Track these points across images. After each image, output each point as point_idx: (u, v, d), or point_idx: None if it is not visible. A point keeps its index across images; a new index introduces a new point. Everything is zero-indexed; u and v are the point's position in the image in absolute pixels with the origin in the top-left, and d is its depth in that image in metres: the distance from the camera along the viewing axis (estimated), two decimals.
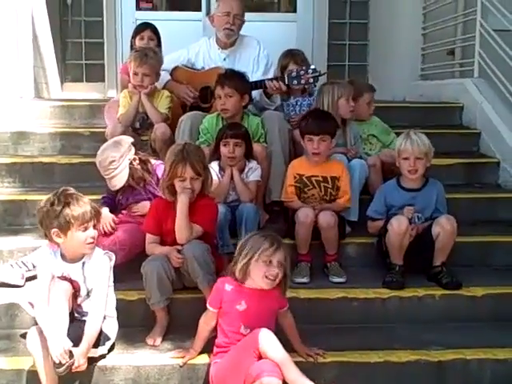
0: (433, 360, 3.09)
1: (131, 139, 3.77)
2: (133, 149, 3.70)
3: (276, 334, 2.81)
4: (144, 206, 3.64)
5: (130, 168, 3.65)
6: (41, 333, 2.77)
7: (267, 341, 2.71)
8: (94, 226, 2.92)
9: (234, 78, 4.05)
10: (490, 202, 4.42)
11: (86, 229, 2.87)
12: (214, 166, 3.79)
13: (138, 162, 3.69)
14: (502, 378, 3.11)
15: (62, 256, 2.95)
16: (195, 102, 4.61)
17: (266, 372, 2.64)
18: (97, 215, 2.94)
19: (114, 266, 3.03)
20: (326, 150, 3.78)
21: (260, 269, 2.82)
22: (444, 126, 5.22)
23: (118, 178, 3.63)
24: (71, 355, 2.73)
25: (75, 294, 2.92)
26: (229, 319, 2.90)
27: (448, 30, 6.20)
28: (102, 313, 2.90)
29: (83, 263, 2.94)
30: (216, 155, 3.86)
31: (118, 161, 3.60)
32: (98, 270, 2.94)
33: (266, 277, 2.82)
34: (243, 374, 2.71)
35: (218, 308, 2.93)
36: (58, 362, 2.69)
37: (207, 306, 2.96)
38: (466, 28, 6.01)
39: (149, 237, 3.35)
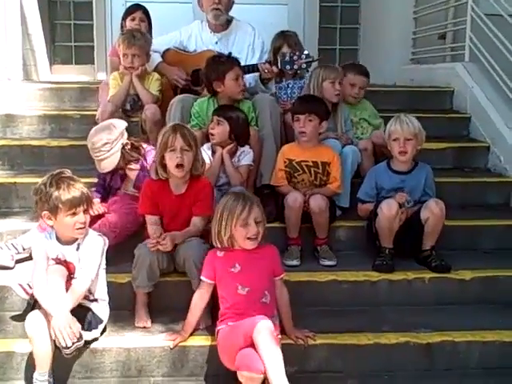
0: (421, 342, 3.12)
1: (125, 124, 3.76)
2: (126, 134, 3.70)
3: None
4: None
5: (122, 152, 3.64)
6: (42, 317, 2.76)
7: (262, 334, 2.66)
8: (85, 211, 2.91)
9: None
10: (479, 186, 4.44)
11: (74, 214, 2.86)
12: (206, 149, 3.79)
13: (129, 147, 3.67)
14: (489, 360, 3.14)
15: (57, 238, 2.96)
16: (186, 85, 4.59)
17: (246, 367, 2.64)
18: (87, 201, 2.93)
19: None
20: (312, 130, 3.78)
21: (240, 233, 2.90)
22: (434, 111, 5.22)
23: (109, 161, 3.62)
24: (80, 336, 2.74)
25: (70, 275, 2.91)
26: (225, 283, 2.94)
27: (439, 14, 6.19)
28: (89, 277, 2.88)
29: (78, 244, 2.94)
30: (207, 138, 3.86)
31: (111, 144, 3.59)
32: (91, 247, 2.94)
33: (248, 238, 2.90)
34: (234, 354, 2.72)
35: (212, 279, 2.95)
36: (66, 344, 2.69)
37: (201, 278, 2.98)
38: (457, 12, 6.00)
39: (148, 218, 3.34)
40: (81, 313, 2.90)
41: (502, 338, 3.16)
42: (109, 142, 3.58)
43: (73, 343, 2.70)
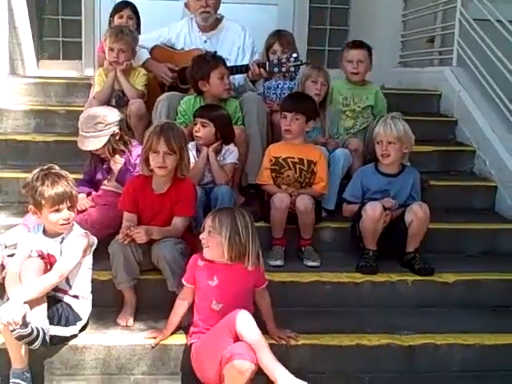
0: (403, 344, 3.13)
1: (122, 116, 3.76)
2: (119, 126, 3.67)
3: (254, 315, 2.83)
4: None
5: (109, 140, 3.61)
6: None
7: (244, 323, 2.71)
8: (70, 208, 2.91)
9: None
10: (465, 190, 4.46)
11: (57, 211, 2.87)
12: (191, 147, 3.77)
13: (117, 138, 3.65)
14: (471, 363, 3.16)
15: (45, 231, 2.97)
16: (174, 82, 4.56)
17: (239, 355, 2.64)
18: (71, 198, 2.92)
19: None
20: (298, 129, 3.78)
21: None
22: (422, 114, 5.23)
23: (93, 141, 3.59)
24: (24, 324, 2.64)
25: (50, 268, 2.89)
26: (201, 294, 2.93)
27: (428, 17, 6.21)
28: (61, 270, 2.85)
29: (62, 238, 2.95)
30: (192, 136, 3.83)
31: (104, 125, 3.57)
32: (73, 243, 2.93)
33: None
34: (219, 354, 2.71)
35: (192, 283, 2.95)
36: (9, 328, 2.62)
37: (183, 281, 2.98)
38: (446, 16, 6.02)
39: (125, 215, 3.32)
40: (58, 307, 2.90)
41: (484, 341, 3.18)
42: (103, 122, 3.57)
43: (14, 329, 2.62)
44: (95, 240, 3.07)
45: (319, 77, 4.20)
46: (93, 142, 3.60)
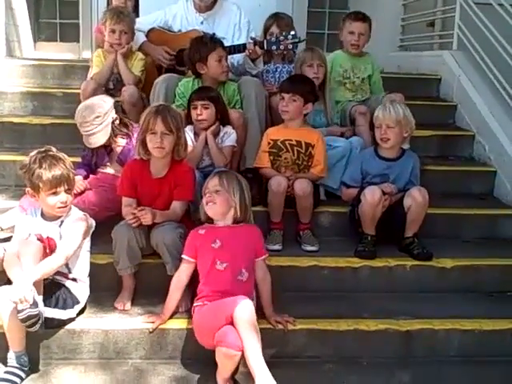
0: (401, 329, 3.13)
1: (113, 99, 3.73)
2: (114, 109, 3.65)
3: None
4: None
5: (112, 127, 3.59)
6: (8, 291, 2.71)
7: (242, 312, 2.67)
8: (67, 191, 2.89)
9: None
10: (463, 175, 4.45)
11: (55, 193, 2.86)
12: (188, 131, 3.74)
13: (118, 122, 3.63)
14: (468, 348, 3.16)
15: (42, 214, 2.96)
16: (171, 65, 4.53)
17: (225, 343, 2.62)
18: (69, 180, 2.91)
19: None
20: (295, 110, 3.76)
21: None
22: (421, 98, 5.19)
23: (98, 136, 3.58)
24: (34, 304, 2.63)
25: (51, 252, 2.88)
26: (205, 259, 2.94)
27: (428, 1, 6.17)
28: (64, 254, 2.84)
29: (61, 222, 2.94)
30: (188, 120, 3.80)
31: (102, 117, 3.55)
32: (73, 225, 2.92)
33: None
34: (213, 332, 2.70)
35: (193, 257, 2.95)
36: (19, 307, 2.61)
37: (183, 256, 2.98)
38: (446, 0, 5.97)
39: (124, 200, 3.30)
40: (57, 290, 2.90)
41: (482, 326, 3.18)
42: (100, 115, 3.55)
43: (24, 309, 2.60)
44: (93, 222, 3.06)
45: (314, 59, 4.18)
46: (98, 137, 3.58)
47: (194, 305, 2.94)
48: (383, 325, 3.13)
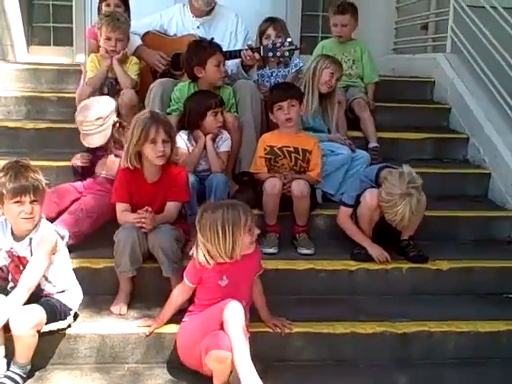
0: (398, 332, 3.13)
1: (115, 102, 3.73)
2: (115, 112, 3.66)
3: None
4: (112, 162, 3.58)
5: (112, 130, 3.59)
6: None
7: (231, 315, 2.67)
8: (34, 202, 2.79)
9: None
10: (458, 177, 4.46)
11: (19, 203, 2.76)
12: (182, 135, 3.74)
13: (118, 125, 3.63)
14: (464, 350, 3.17)
15: (12, 232, 2.87)
16: (166, 69, 4.52)
17: (215, 345, 2.61)
18: (36, 191, 2.79)
19: (81, 233, 2.96)
20: (296, 115, 3.78)
21: (246, 239, 2.81)
22: (415, 101, 5.22)
23: (98, 137, 3.58)
24: None
25: (24, 268, 2.83)
26: (209, 292, 2.89)
27: (422, 4, 6.19)
28: (36, 274, 2.80)
29: (30, 239, 2.85)
30: (182, 124, 3.79)
31: (104, 118, 3.56)
32: (41, 242, 2.83)
33: (251, 242, 2.85)
34: (200, 342, 2.69)
35: (195, 284, 2.91)
36: None
37: (185, 279, 2.93)
38: (440, 3, 6.01)
39: (119, 205, 3.29)
40: (54, 304, 2.86)
41: (477, 328, 3.19)
42: (102, 116, 3.55)
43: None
44: (66, 233, 2.97)
45: (336, 71, 4.22)
46: (97, 138, 3.59)
47: (184, 319, 2.92)
48: (380, 327, 3.13)
